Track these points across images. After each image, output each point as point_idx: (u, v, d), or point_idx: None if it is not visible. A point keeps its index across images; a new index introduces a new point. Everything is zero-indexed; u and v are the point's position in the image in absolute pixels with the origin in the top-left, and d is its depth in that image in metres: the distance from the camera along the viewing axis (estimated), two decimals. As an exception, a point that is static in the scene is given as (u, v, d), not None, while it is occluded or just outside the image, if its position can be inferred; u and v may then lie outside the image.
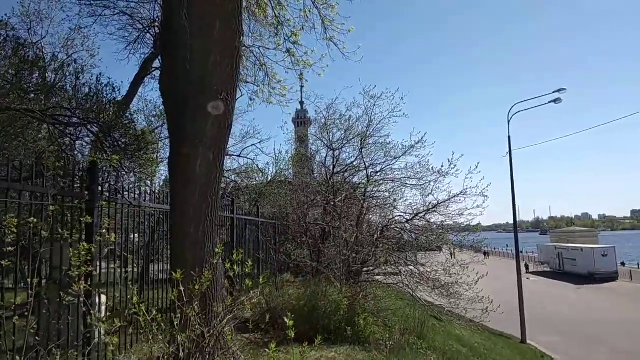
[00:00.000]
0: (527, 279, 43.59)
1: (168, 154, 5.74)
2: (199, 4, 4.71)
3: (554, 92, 24.57)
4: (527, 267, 52.17)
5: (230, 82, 4.71)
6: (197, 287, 3.67)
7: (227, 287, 5.13)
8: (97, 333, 4.38)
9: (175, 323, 3.46)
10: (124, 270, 5.86)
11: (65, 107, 6.28)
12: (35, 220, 4.34)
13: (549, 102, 24.88)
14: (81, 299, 4.41)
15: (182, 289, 3.54)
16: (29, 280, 3.62)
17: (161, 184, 16.13)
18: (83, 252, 4.23)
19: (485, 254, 53.26)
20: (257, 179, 23.06)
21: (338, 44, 9.66)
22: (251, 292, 10.78)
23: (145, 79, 13.07)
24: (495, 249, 72.74)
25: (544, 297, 32.96)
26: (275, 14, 8.62)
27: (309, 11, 9.36)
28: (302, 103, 25.88)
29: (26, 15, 13.53)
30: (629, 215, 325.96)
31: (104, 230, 5.16)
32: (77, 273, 4.12)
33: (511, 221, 26.55)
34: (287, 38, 9.17)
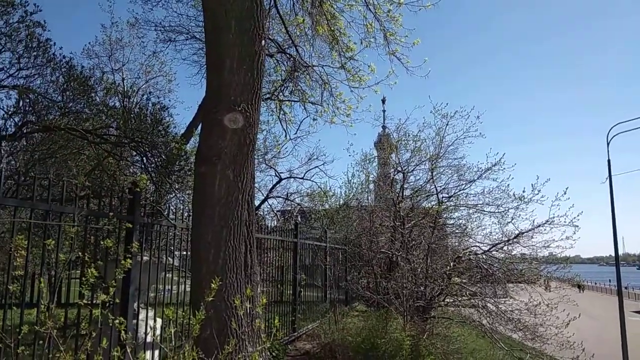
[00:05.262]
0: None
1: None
2: (211, 1, 4.27)
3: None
4: None
5: (251, 91, 4.16)
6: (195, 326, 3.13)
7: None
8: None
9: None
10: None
11: (111, 126, 6.21)
12: (53, 241, 4.13)
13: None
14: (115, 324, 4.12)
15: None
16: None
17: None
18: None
19: (580, 287, 47.31)
20: (330, 203, 22.71)
21: (401, 58, 9.02)
22: (317, 321, 10.21)
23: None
24: (595, 283, 65.85)
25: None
26: (330, 27, 8.15)
27: (370, 25, 8.82)
28: (384, 127, 25.23)
29: (108, 43, 14.46)
30: None
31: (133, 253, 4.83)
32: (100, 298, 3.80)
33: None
34: (342, 53, 8.64)
